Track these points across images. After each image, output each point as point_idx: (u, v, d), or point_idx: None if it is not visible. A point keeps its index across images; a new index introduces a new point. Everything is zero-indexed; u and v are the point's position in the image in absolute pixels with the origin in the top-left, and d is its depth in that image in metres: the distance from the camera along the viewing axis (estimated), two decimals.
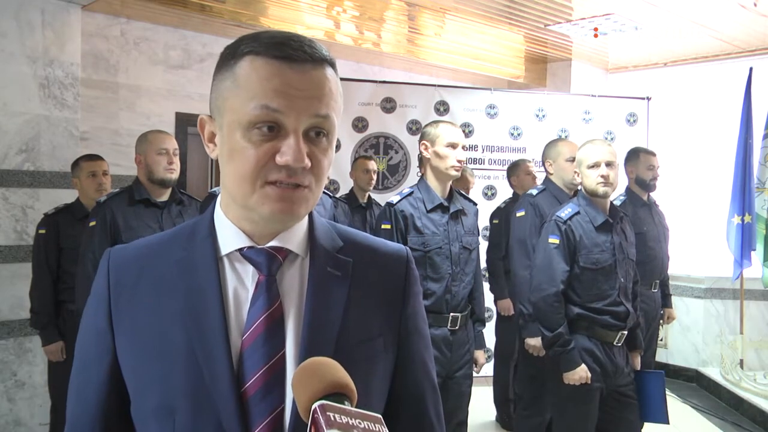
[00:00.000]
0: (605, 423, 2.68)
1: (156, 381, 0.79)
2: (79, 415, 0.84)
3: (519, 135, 5.30)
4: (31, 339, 3.57)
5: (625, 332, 2.67)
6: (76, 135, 3.79)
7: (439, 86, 5.31)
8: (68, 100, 3.74)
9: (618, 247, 2.68)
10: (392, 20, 4.92)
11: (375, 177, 4.34)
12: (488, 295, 3.66)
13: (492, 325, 4.25)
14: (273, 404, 0.77)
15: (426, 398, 0.91)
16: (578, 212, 2.69)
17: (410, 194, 2.69)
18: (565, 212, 2.69)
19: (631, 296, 2.73)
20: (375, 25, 5.05)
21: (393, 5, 4.55)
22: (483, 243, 3.93)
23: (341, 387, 0.65)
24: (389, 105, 5.11)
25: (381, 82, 5.23)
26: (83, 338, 0.86)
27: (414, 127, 5.09)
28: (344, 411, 0.62)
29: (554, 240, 2.66)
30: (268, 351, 0.79)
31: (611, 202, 2.77)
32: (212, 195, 2.71)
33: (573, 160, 2.93)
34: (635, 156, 3.76)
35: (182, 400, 0.77)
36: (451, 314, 2.63)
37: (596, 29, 4.98)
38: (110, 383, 0.82)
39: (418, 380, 0.91)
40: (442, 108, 5.20)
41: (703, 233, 5.56)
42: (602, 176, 2.62)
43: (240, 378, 0.78)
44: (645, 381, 2.75)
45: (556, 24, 4.91)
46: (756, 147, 4.92)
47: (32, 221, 3.52)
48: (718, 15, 4.66)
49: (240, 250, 0.83)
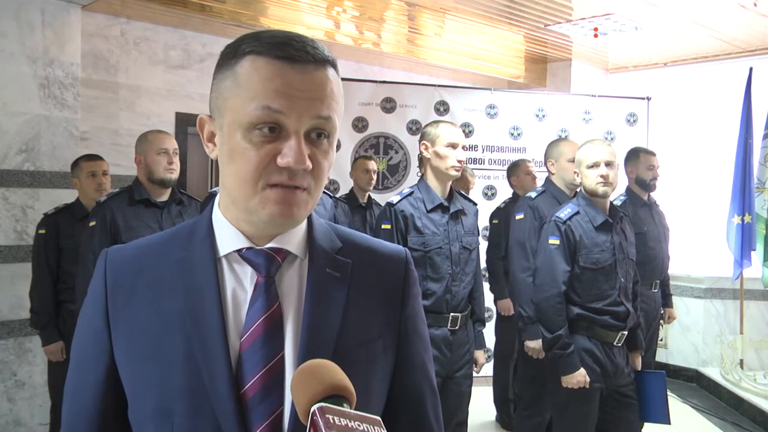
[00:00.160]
0: (605, 423, 2.68)
1: (153, 383, 0.78)
2: (76, 415, 0.83)
3: (519, 135, 5.29)
4: (31, 339, 3.57)
5: (626, 332, 2.66)
6: (76, 135, 3.79)
7: (439, 86, 5.31)
8: (68, 100, 3.74)
9: (618, 247, 2.67)
10: (392, 20, 4.92)
11: (375, 177, 4.34)
12: (488, 295, 3.66)
13: (492, 325, 4.24)
14: (272, 406, 0.77)
15: (425, 400, 0.91)
16: (578, 212, 2.69)
17: (410, 194, 2.69)
18: (565, 212, 2.69)
19: (632, 296, 2.72)
20: (375, 25, 5.05)
21: (393, 5, 4.55)
22: (483, 243, 3.93)
23: (340, 389, 0.65)
24: (389, 105, 5.10)
25: (381, 82, 5.23)
26: (80, 338, 0.85)
27: (414, 127, 5.09)
28: (343, 413, 0.61)
29: (554, 241, 2.65)
30: (267, 353, 0.78)
31: (611, 202, 2.77)
32: (212, 195, 2.70)
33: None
34: (635, 156, 3.76)
35: (180, 402, 0.77)
36: (451, 314, 2.63)
37: (596, 29, 4.98)
38: (107, 383, 0.81)
39: (418, 382, 0.90)
40: (442, 108, 5.19)
41: (703, 233, 5.56)
42: (602, 176, 2.62)
43: (239, 380, 0.77)
44: (647, 381, 2.74)
45: (556, 24, 4.91)
46: (756, 147, 4.92)
47: (32, 221, 3.52)
48: (718, 15, 4.66)
49: (239, 251, 0.82)
